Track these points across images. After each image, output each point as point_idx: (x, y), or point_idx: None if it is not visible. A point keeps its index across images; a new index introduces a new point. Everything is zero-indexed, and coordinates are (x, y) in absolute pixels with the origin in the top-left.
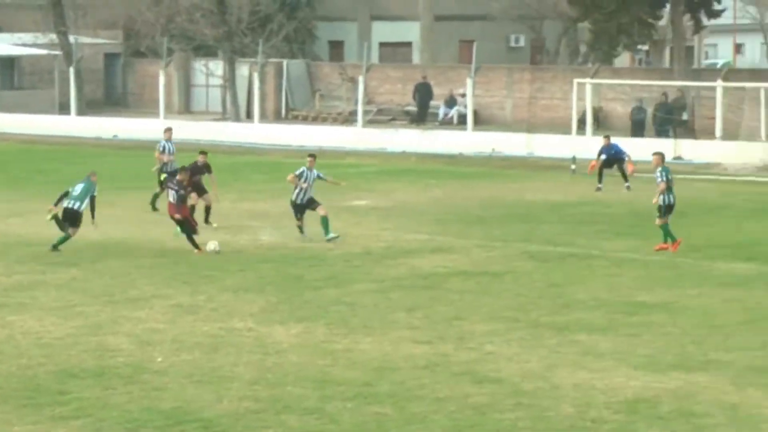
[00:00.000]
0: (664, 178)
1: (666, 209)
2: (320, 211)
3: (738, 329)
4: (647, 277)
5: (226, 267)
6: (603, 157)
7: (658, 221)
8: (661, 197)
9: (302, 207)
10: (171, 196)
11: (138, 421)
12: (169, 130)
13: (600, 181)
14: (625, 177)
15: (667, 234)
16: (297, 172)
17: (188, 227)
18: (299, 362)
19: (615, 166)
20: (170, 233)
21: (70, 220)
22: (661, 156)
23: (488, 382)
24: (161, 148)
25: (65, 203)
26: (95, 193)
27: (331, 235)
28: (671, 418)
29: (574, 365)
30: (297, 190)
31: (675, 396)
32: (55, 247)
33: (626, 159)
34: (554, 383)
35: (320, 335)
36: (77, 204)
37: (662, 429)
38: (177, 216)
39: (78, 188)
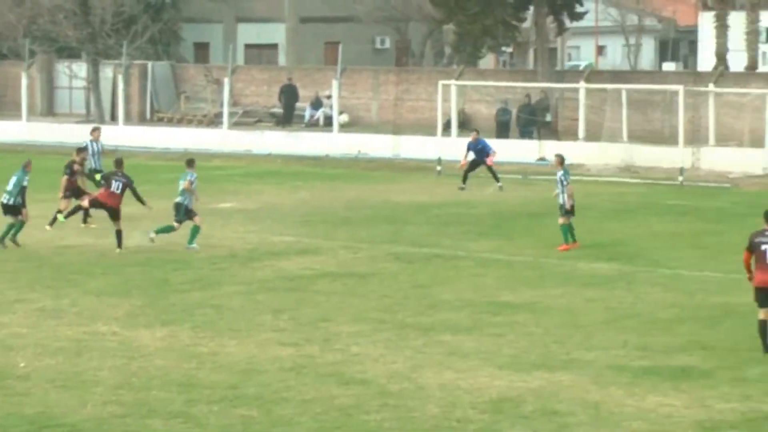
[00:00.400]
0: (568, 180)
1: (565, 209)
2: (196, 220)
3: (599, 328)
4: (511, 277)
5: (90, 270)
6: (471, 155)
7: (560, 220)
8: (561, 198)
9: (189, 212)
10: (114, 185)
11: (1, 427)
12: (96, 129)
13: (464, 181)
14: (495, 177)
15: (567, 234)
16: (191, 178)
17: (118, 218)
18: (164, 366)
19: (481, 166)
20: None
21: (11, 213)
22: (560, 158)
23: (354, 383)
24: (85, 147)
25: (2, 199)
26: (25, 183)
27: (194, 246)
28: (535, 417)
29: (440, 366)
30: (188, 194)
31: (538, 395)
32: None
33: (490, 153)
34: (420, 384)
35: (186, 339)
36: (11, 199)
37: (526, 428)
38: (111, 205)
39: (11, 182)
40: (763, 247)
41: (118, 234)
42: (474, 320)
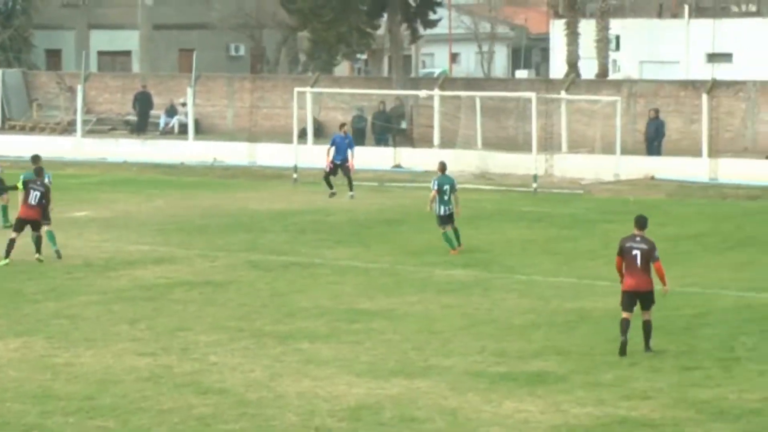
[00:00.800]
0: (434, 187)
1: (438, 219)
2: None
3: (457, 335)
4: (368, 284)
5: None
6: (333, 151)
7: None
8: (435, 206)
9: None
10: (33, 197)
11: None
12: None
13: (330, 186)
14: (350, 185)
15: (448, 241)
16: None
17: (39, 230)
18: (18, 378)
19: (340, 172)
20: None
21: None
22: (440, 165)
23: (212, 392)
24: None
25: None
26: None
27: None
28: (393, 424)
29: (298, 374)
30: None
31: (397, 402)
32: None
33: (350, 156)
34: (278, 392)
35: (40, 349)
36: None
37: None
38: (33, 217)
39: None
40: (634, 252)
41: (39, 240)
42: (331, 328)
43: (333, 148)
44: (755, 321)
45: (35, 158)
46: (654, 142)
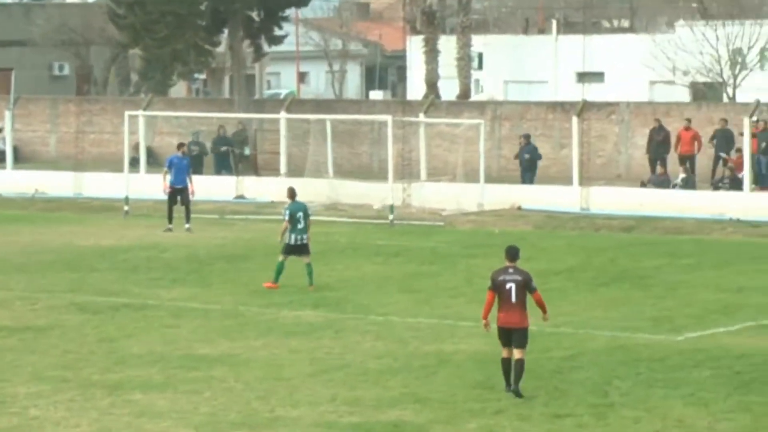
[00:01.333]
0: (286, 216)
1: (285, 247)
2: None
3: (305, 382)
4: (208, 327)
5: None
6: (172, 178)
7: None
8: (286, 236)
9: None
10: None
11: None
12: None
13: (170, 220)
14: (188, 217)
15: (279, 272)
16: None
17: None
18: None
19: (179, 199)
20: None
21: None
22: (289, 191)
23: None
24: None
25: None
26: None
27: None
28: None
29: (129, 428)
30: None
31: None
32: None
33: (188, 181)
34: None
35: None
36: None
37: None
38: None
39: None
40: (508, 285)
41: None
42: (167, 376)
43: (170, 171)
44: (629, 363)
45: None
46: (528, 171)
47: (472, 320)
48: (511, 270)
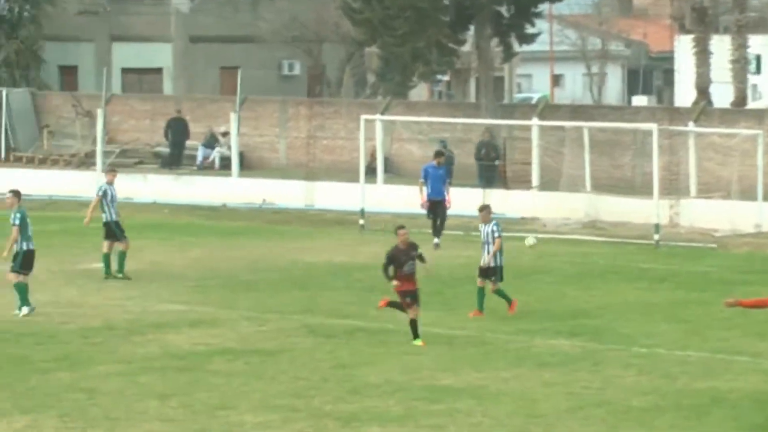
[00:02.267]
0: (500, 233)
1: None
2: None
3: (562, 419)
4: (452, 355)
5: None
6: (426, 190)
7: (492, 286)
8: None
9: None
10: None
11: None
12: None
13: (436, 233)
14: (438, 231)
15: (481, 300)
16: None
17: None
18: None
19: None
20: None
21: None
22: (488, 209)
23: None
24: None
25: None
26: None
27: (25, 309)
28: None
29: None
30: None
31: None
32: None
33: (446, 192)
34: None
35: (50, 430)
36: None
37: None
38: None
39: None
40: None
41: None
42: (406, 408)
43: (426, 182)
44: None
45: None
46: None
47: (749, 355)
48: None
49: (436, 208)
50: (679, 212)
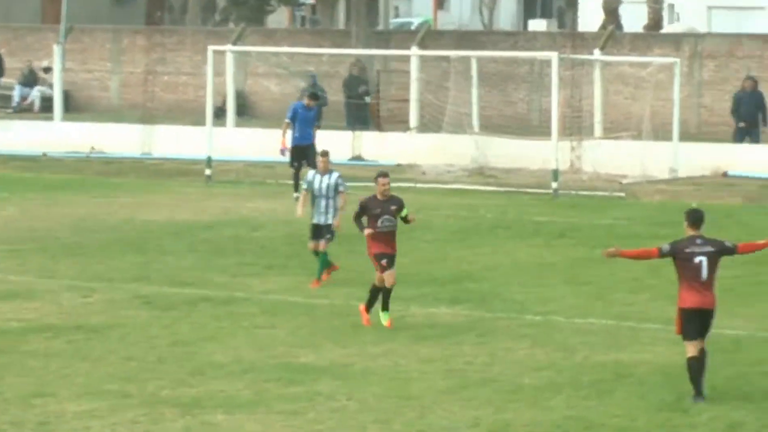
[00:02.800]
0: (344, 187)
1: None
2: None
3: (440, 401)
4: (312, 328)
5: None
6: (295, 134)
7: (323, 245)
8: (321, 214)
9: None
10: None
11: None
12: None
13: (297, 188)
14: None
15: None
16: None
17: None
18: None
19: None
20: None
21: None
22: (328, 156)
23: None
24: None
25: None
26: None
27: None
28: None
29: None
30: None
31: None
32: None
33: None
34: None
35: None
36: None
37: None
38: None
39: None
40: (697, 259)
41: None
42: (258, 391)
43: (293, 124)
44: None
45: None
46: (749, 125)
47: (659, 322)
48: (699, 241)
49: (303, 155)
50: (581, 156)
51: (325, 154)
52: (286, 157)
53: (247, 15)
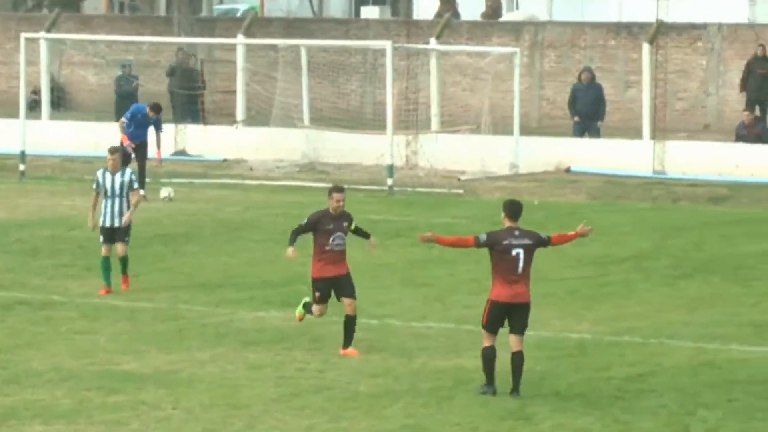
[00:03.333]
0: (138, 185)
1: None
2: None
3: (270, 409)
4: (135, 334)
5: None
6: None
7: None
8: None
9: None
10: None
11: None
12: None
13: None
14: (141, 181)
15: (107, 271)
16: None
17: None
18: None
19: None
20: None
21: None
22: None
23: None
24: None
25: None
26: None
27: None
28: None
29: None
30: None
31: None
32: None
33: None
34: None
35: None
36: None
37: None
38: None
39: None
40: (515, 251)
41: None
42: (78, 400)
43: (131, 124)
44: (720, 386)
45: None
46: (590, 120)
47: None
48: (517, 233)
49: (136, 152)
50: (417, 151)
51: (114, 151)
52: (132, 153)
53: (62, 0)
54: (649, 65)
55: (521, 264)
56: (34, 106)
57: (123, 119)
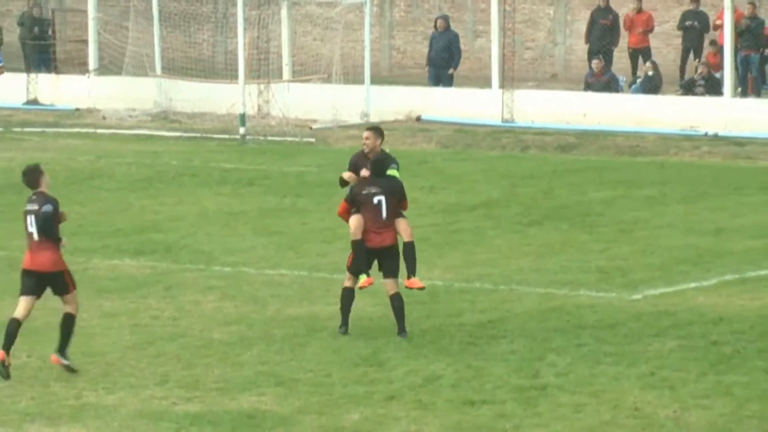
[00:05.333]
0: None
1: None
2: None
3: (125, 357)
4: None
5: None
6: None
7: None
8: None
9: None
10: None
11: None
12: None
13: None
14: None
15: None
16: None
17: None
18: None
19: None
20: None
21: None
22: None
23: None
24: None
25: None
26: None
27: None
28: None
29: None
30: None
31: None
32: None
33: None
34: None
35: None
36: None
37: None
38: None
39: None
40: (376, 199)
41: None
42: None
43: None
44: (568, 331)
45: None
46: (443, 69)
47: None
48: (374, 189)
49: None
50: (269, 99)
51: None
52: None
53: None
54: (497, 15)
55: (384, 212)
56: None
57: None
